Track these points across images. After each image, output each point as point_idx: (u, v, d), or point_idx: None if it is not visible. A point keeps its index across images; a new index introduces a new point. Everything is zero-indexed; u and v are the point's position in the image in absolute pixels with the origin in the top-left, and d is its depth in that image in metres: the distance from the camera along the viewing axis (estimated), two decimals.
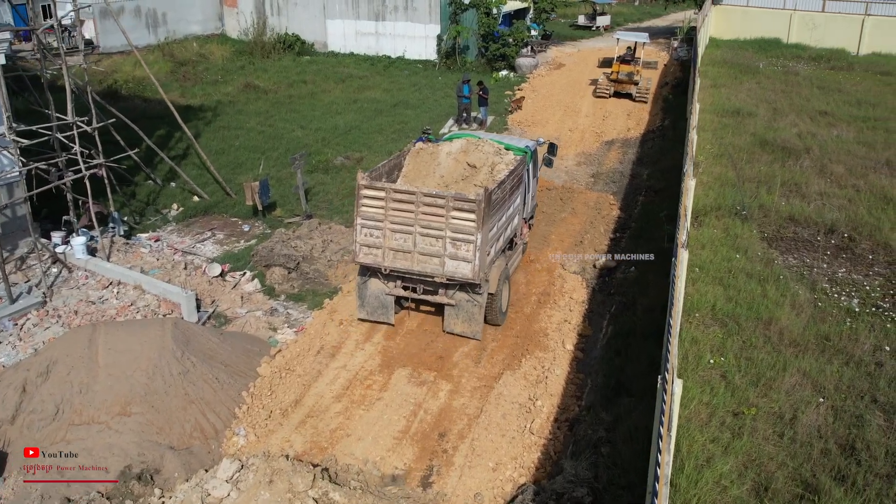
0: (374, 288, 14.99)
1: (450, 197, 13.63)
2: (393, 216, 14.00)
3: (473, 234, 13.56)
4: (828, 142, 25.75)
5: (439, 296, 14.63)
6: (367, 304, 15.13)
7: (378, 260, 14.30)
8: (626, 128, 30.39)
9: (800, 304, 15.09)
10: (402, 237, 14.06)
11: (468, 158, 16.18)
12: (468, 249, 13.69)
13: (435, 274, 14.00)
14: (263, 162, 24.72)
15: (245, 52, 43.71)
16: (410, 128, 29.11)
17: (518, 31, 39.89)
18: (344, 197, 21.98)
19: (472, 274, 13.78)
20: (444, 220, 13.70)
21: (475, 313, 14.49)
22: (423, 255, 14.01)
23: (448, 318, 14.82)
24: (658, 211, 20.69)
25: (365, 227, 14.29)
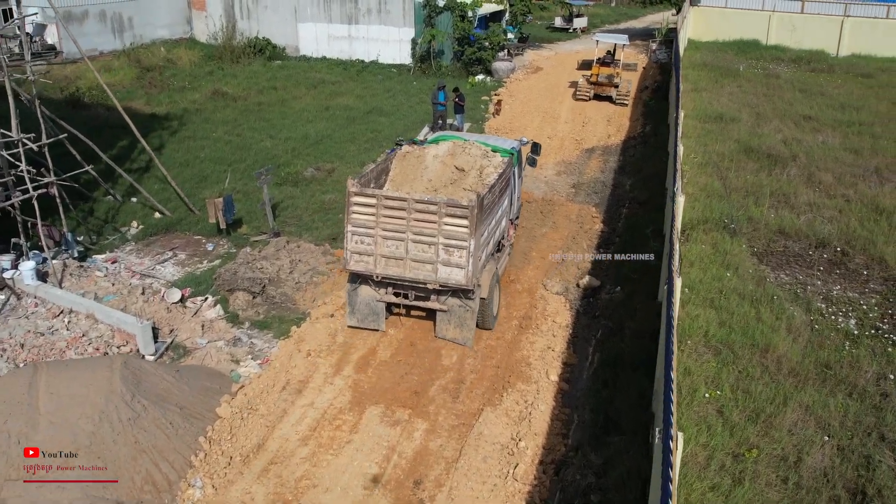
0: (364, 295, 14.75)
1: (442, 203, 13.46)
2: (384, 223, 13.82)
3: (466, 240, 13.43)
4: (814, 148, 25.03)
5: (431, 302, 14.48)
6: (358, 312, 14.87)
7: (370, 267, 14.11)
8: (607, 134, 29.53)
9: (796, 328, 14.26)
10: (394, 244, 13.90)
11: (456, 161, 16.02)
12: (461, 255, 13.57)
13: (428, 280, 13.86)
14: (230, 175, 23.57)
15: (214, 56, 42.45)
16: (384, 136, 28.08)
17: (494, 35, 38.97)
18: (314, 212, 20.92)
19: (465, 280, 13.68)
20: (436, 226, 13.54)
21: (467, 319, 14.36)
22: (416, 261, 13.87)
23: (440, 323, 14.65)
24: (643, 224, 19.82)
25: (356, 235, 14.08)
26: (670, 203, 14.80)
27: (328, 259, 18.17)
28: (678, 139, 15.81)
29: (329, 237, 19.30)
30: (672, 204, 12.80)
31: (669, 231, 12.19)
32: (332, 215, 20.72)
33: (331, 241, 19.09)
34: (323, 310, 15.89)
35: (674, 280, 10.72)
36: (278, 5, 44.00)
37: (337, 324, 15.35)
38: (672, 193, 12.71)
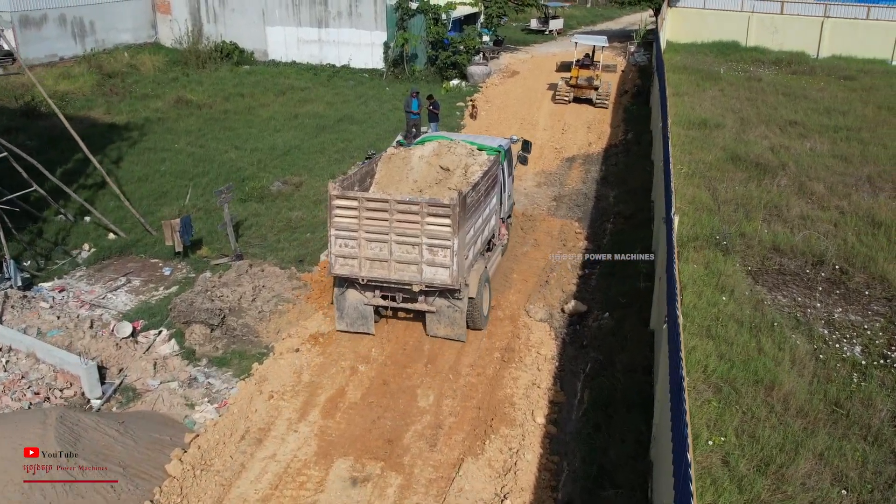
0: (352, 299, 14.62)
1: (423, 203, 13.38)
2: (367, 225, 13.70)
3: (450, 239, 13.34)
4: (802, 156, 24.11)
5: (419, 303, 14.35)
6: (347, 316, 14.75)
7: (355, 270, 14.00)
8: (587, 142, 28.44)
9: (800, 359, 13.21)
10: (378, 246, 13.77)
11: (441, 161, 15.99)
12: (445, 255, 13.48)
13: (413, 281, 13.78)
14: (191, 191, 22.18)
15: (179, 62, 40.93)
16: (355, 146, 26.79)
17: (469, 38, 37.78)
18: (280, 231, 19.60)
19: (450, 280, 13.59)
20: (419, 226, 13.44)
21: (457, 318, 14.27)
22: (401, 262, 13.76)
23: (430, 323, 14.56)
24: (630, 241, 18.69)
25: (339, 238, 13.93)
26: (663, 225, 13.67)
27: (294, 284, 16.88)
28: (669, 156, 14.67)
29: (296, 259, 18.01)
30: (667, 231, 11.64)
31: (668, 260, 11.03)
32: (299, 234, 19.43)
33: (297, 263, 17.80)
34: (288, 343, 14.60)
35: (677, 318, 9.56)
36: (246, 8, 42.54)
37: (303, 360, 14.08)
38: (667, 217, 11.57)
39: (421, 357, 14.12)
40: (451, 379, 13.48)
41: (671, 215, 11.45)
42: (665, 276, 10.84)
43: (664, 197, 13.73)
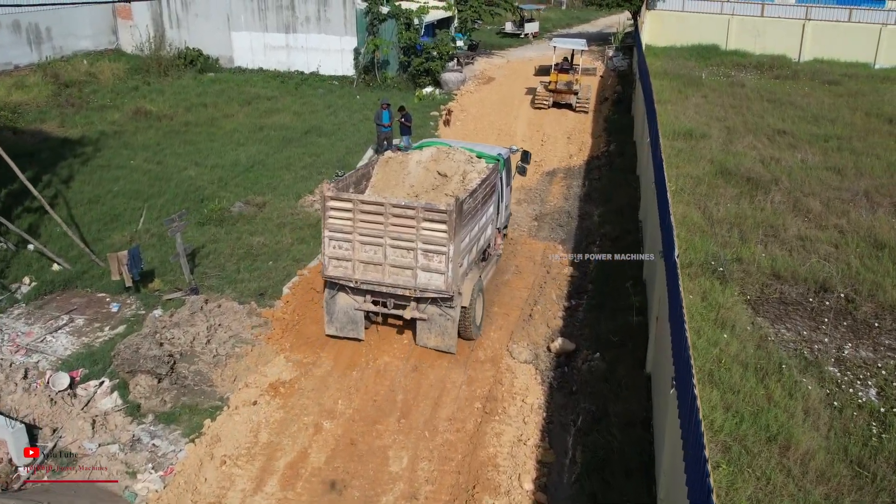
0: (342, 303, 14.39)
1: (420, 207, 13.18)
2: (361, 228, 13.52)
3: (445, 245, 13.15)
4: (794, 169, 22.95)
5: (410, 310, 14.01)
6: (336, 320, 14.52)
7: (348, 273, 13.84)
8: (568, 154, 27.12)
9: (814, 408, 11.91)
10: (372, 249, 13.62)
11: (439, 167, 15.84)
12: (440, 261, 13.30)
13: (407, 286, 13.59)
14: (144, 213, 20.57)
15: (141, 69, 39.15)
16: (323, 161, 25.28)
17: (443, 44, 36.34)
18: (239, 259, 18.04)
19: (444, 286, 13.41)
20: (414, 231, 13.25)
21: (448, 328, 13.96)
22: (395, 266, 13.58)
23: (420, 332, 14.25)
24: (617, 267, 17.34)
25: (333, 240, 13.77)
26: (660, 260, 12.32)
27: (254, 321, 15.35)
28: (666, 189, 13.29)
29: (256, 292, 16.47)
30: (670, 278, 10.23)
31: (674, 322, 9.64)
32: (260, 263, 17.88)
33: (258, 297, 16.26)
34: (244, 395, 13.08)
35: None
36: (210, 13, 40.86)
37: (261, 415, 12.57)
38: (672, 262, 10.20)
39: (393, 410, 12.66)
40: (426, 437, 12.03)
41: (674, 258, 10.08)
42: (671, 333, 9.46)
43: (661, 231, 12.37)
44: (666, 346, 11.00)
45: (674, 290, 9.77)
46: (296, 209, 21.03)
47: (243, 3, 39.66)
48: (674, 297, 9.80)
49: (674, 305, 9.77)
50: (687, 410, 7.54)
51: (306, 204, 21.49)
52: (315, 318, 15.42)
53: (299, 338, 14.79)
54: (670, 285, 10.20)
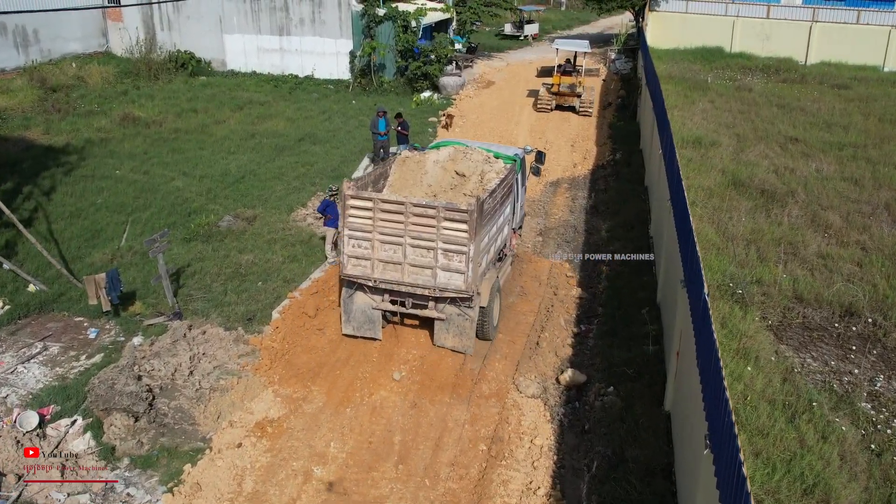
0: (360, 302, 14.31)
1: (440, 207, 13.10)
2: (381, 227, 13.46)
3: (466, 244, 13.11)
4: (810, 180, 21.93)
5: (429, 310, 13.96)
6: (354, 320, 14.42)
7: (367, 272, 13.78)
8: (572, 163, 26.09)
9: (850, 452, 10.88)
10: (392, 248, 13.54)
11: (456, 167, 15.85)
12: (460, 261, 13.24)
13: (426, 286, 13.53)
14: (128, 228, 19.51)
15: (131, 73, 38.05)
16: (317, 171, 24.21)
17: (441, 47, 35.27)
18: (227, 280, 16.97)
19: (464, 285, 13.35)
20: (434, 230, 13.19)
21: (466, 328, 13.85)
22: (414, 266, 13.51)
23: (438, 332, 14.17)
24: (629, 290, 16.32)
25: (352, 239, 13.70)
26: (681, 290, 11.30)
27: (241, 350, 14.30)
28: (687, 213, 12.21)
29: (244, 317, 15.40)
30: (701, 324, 9.13)
31: (710, 376, 8.59)
32: (249, 283, 16.81)
33: (245, 322, 15.20)
34: (229, 435, 12.02)
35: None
36: (202, 15, 39.76)
37: (246, 459, 11.52)
38: (702, 298, 9.14)
39: (390, 453, 11.61)
40: (427, 485, 10.99)
41: (705, 296, 9.03)
42: (704, 386, 8.42)
43: (683, 260, 11.31)
44: (691, 389, 9.99)
45: (705, 336, 8.71)
46: (287, 223, 19.97)
47: (236, 4, 38.58)
48: (705, 345, 8.73)
49: (706, 355, 8.68)
50: (731, 490, 6.51)
51: (298, 218, 20.42)
52: (307, 347, 14.39)
53: (289, 369, 13.74)
54: (701, 330, 9.15)
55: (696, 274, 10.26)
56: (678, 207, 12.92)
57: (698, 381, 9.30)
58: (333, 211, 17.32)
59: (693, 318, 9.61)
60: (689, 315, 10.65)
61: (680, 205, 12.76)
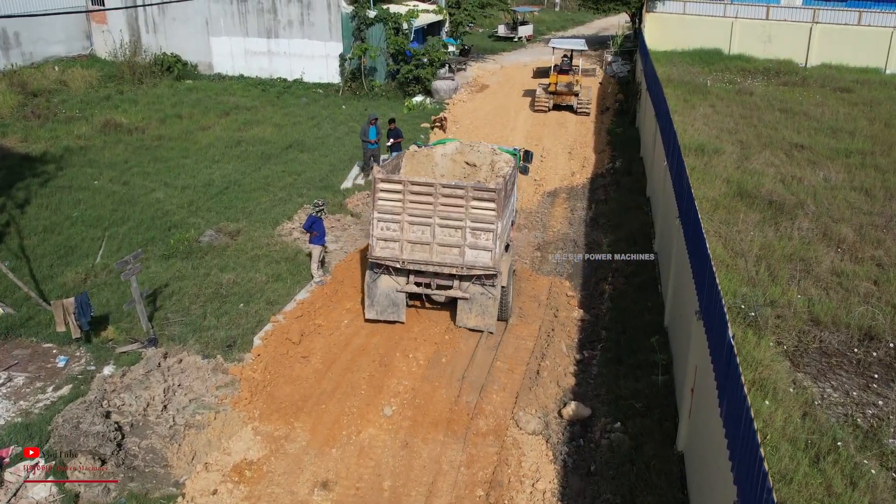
0: (384, 286, 14.71)
1: (469, 187, 13.74)
2: (411, 208, 14.00)
3: (494, 222, 13.71)
4: (819, 189, 21.04)
5: (454, 290, 14.49)
6: (378, 304, 14.78)
7: (396, 253, 14.25)
8: (570, 171, 25.14)
9: (882, 500, 9.95)
10: (421, 229, 14.08)
11: (466, 158, 16.40)
12: (488, 238, 13.81)
13: (454, 264, 14.04)
14: (104, 245, 18.51)
15: (115, 77, 36.96)
16: (304, 181, 23.22)
17: (434, 50, 34.28)
18: (206, 301, 15.96)
19: (492, 262, 13.89)
20: (463, 210, 13.79)
21: (489, 306, 14.40)
22: (443, 245, 14.02)
23: (461, 312, 14.67)
24: (635, 312, 15.37)
25: (382, 221, 14.18)
26: (697, 322, 10.35)
27: (219, 380, 13.32)
28: (701, 231, 11.25)
29: (223, 343, 14.40)
30: (727, 376, 8.16)
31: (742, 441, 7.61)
32: (229, 305, 15.80)
33: (225, 349, 14.21)
34: (203, 481, 11.02)
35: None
36: (188, 17, 38.71)
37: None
38: (727, 342, 8.17)
39: (379, 501, 10.62)
40: None
41: (730, 340, 8.04)
42: (733, 450, 7.44)
43: (701, 294, 10.33)
44: (709, 431, 9.06)
45: (733, 393, 7.73)
46: (272, 238, 18.97)
47: (222, 6, 37.54)
48: (734, 406, 7.72)
49: (735, 423, 7.65)
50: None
51: (284, 232, 19.42)
52: (290, 377, 13.40)
53: (270, 402, 12.75)
54: (726, 384, 8.18)
55: (714, 307, 9.31)
56: (691, 229, 11.97)
57: (718, 424, 8.38)
58: (320, 227, 16.34)
59: (716, 366, 8.64)
60: (706, 350, 9.73)
61: (692, 225, 11.82)
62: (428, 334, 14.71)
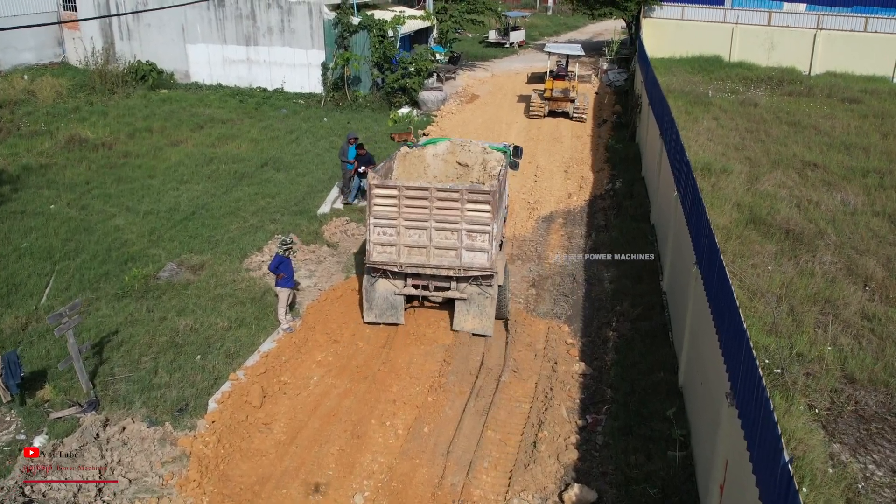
0: (382, 289, 14.79)
1: (464, 190, 13.80)
2: (407, 213, 14.03)
3: (489, 224, 13.81)
4: (838, 216, 19.34)
5: (451, 291, 14.54)
6: (376, 307, 14.86)
7: (393, 257, 14.28)
8: (566, 192, 23.34)
9: None
10: (417, 233, 14.11)
11: (458, 158, 16.61)
12: (484, 239, 13.90)
13: (452, 266, 14.09)
14: (52, 283, 16.63)
15: (86, 86, 35.06)
16: (279, 204, 21.38)
17: (421, 59, 32.45)
18: (160, 352, 14.08)
19: (488, 262, 13.99)
20: (458, 212, 13.85)
21: (487, 306, 14.49)
22: (439, 248, 14.07)
23: (458, 315, 14.71)
24: (642, 364, 13.56)
25: (378, 227, 14.20)
26: (727, 416, 8.56)
27: (167, 454, 11.47)
28: (731, 293, 9.44)
29: (175, 405, 12.55)
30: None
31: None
32: (185, 357, 13.93)
33: (175, 414, 12.34)
34: None
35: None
36: (163, 23, 36.83)
37: None
38: (783, 467, 6.38)
39: None
40: None
41: (786, 463, 6.23)
42: None
43: (735, 378, 8.51)
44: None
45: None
46: (239, 274, 17.13)
47: (199, 11, 35.65)
48: None
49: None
50: None
51: (252, 266, 17.57)
52: (248, 451, 11.54)
53: (223, 485, 10.89)
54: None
55: (755, 398, 7.52)
56: (716, 289, 10.16)
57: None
58: (287, 269, 14.49)
59: (763, 490, 6.82)
60: (741, 442, 7.94)
61: (718, 288, 10.01)
62: (408, 395, 12.89)
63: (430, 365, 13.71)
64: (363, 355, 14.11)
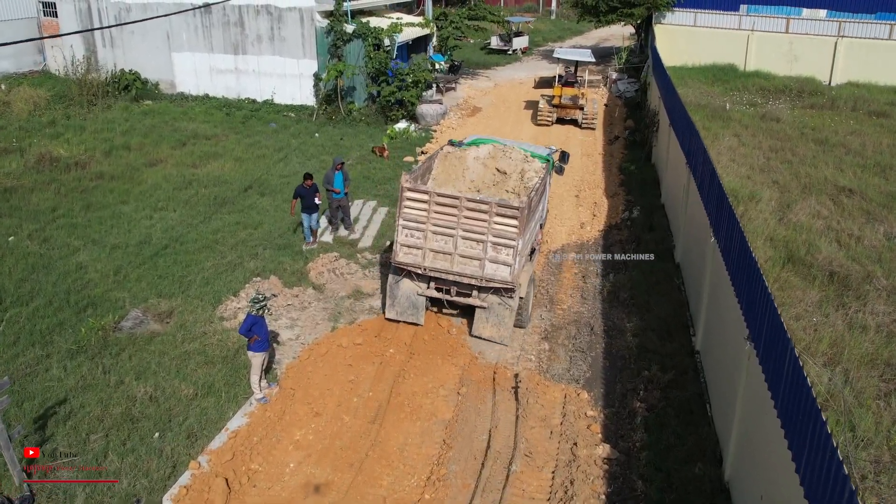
0: (406, 288, 14.91)
1: (493, 203, 13.77)
2: (435, 219, 14.12)
3: (515, 239, 13.74)
4: (884, 253, 17.36)
5: (472, 298, 14.56)
6: (398, 304, 14.99)
7: (418, 260, 14.36)
8: (579, 222, 21.26)
9: None
10: (443, 239, 14.20)
11: (497, 164, 16.57)
12: (508, 254, 13.84)
13: (474, 276, 14.07)
14: (2, 329, 14.60)
15: (66, 96, 33.04)
16: (261, 236, 19.34)
17: (419, 70, 30.40)
18: (112, 427, 12.02)
19: (511, 277, 13.91)
20: (486, 224, 13.84)
21: (506, 317, 14.49)
22: (464, 257, 14.11)
23: (477, 321, 14.69)
24: (678, 448, 11.49)
25: (406, 228, 14.30)
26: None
27: None
28: (806, 385, 7.44)
29: (125, 499, 10.50)
30: None
31: None
32: (140, 436, 11.87)
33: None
34: None
35: None
36: (147, 30, 34.82)
37: None
38: None
39: None
40: None
41: None
42: None
43: (813, 497, 6.49)
44: None
45: None
46: (210, 324, 15.08)
47: (185, 18, 33.61)
48: None
49: None
50: None
51: (227, 314, 15.52)
52: None
53: None
54: None
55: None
56: (786, 390, 8.10)
57: None
58: (261, 330, 12.41)
59: None
60: None
61: (791, 387, 7.97)
62: (401, 490, 10.82)
63: (428, 448, 11.65)
64: (349, 433, 12.04)
